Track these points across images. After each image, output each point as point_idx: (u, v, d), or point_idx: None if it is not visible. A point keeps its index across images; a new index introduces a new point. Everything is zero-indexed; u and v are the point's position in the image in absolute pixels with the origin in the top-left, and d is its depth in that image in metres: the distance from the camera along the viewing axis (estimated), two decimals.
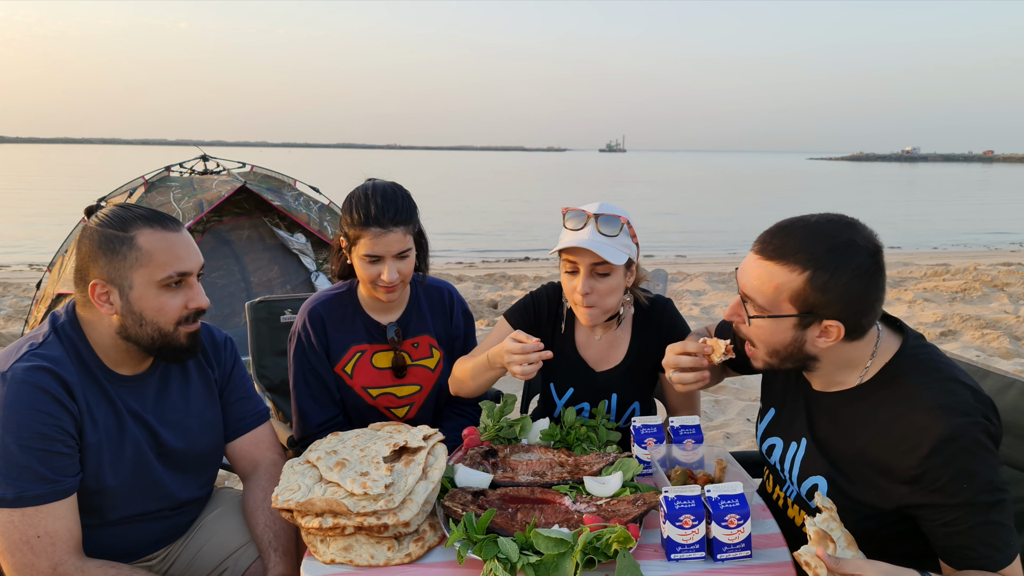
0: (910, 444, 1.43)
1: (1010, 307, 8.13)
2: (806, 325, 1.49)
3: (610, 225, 2.00)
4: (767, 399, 1.86)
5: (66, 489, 1.58)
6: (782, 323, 1.50)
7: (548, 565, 1.41)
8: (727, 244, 17.72)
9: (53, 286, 5.57)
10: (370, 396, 2.24)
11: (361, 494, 1.52)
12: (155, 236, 1.65)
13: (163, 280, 1.66)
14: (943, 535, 1.43)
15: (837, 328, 1.47)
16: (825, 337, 1.49)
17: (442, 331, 2.33)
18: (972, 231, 20.85)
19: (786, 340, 1.52)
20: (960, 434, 1.39)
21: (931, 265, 12.09)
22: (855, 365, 1.56)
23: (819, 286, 1.44)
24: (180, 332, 1.71)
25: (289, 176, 6.59)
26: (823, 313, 1.46)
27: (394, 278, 2.05)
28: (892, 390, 1.51)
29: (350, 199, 2.09)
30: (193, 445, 1.84)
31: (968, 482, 1.38)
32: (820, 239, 1.45)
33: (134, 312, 1.65)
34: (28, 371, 1.57)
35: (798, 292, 1.46)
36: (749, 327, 1.56)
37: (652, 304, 2.21)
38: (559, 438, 2.04)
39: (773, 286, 1.48)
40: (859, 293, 1.44)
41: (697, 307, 8.34)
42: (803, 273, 1.45)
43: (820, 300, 1.45)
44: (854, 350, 1.54)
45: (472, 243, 17.47)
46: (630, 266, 2.09)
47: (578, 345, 2.23)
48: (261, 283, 6.25)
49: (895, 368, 1.53)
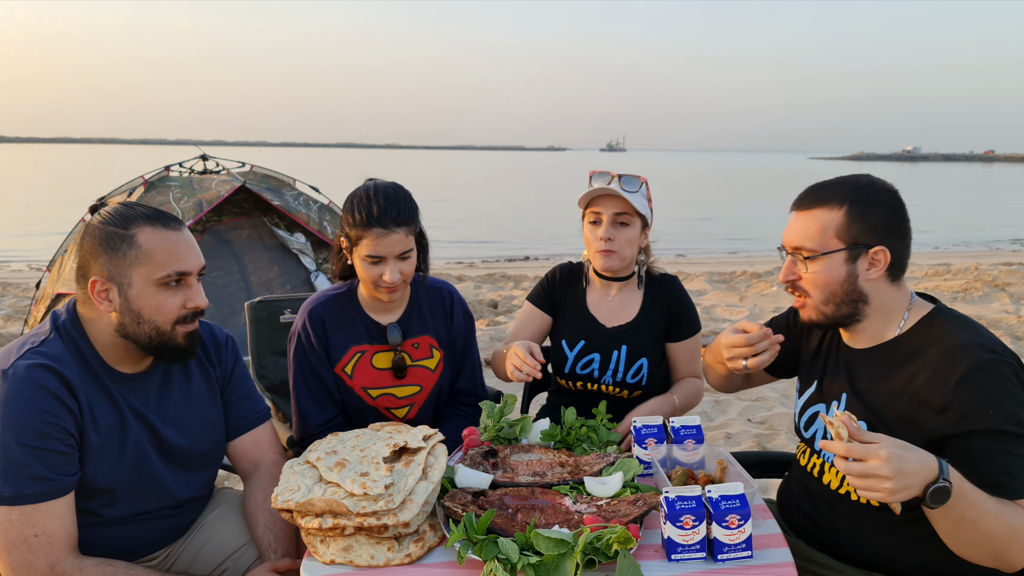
0: (943, 375, 1.54)
1: (1011, 307, 8.13)
2: (855, 257, 1.65)
3: (631, 183, 2.31)
4: (807, 376, 1.90)
5: (64, 488, 1.58)
6: (834, 260, 1.66)
7: (548, 566, 1.40)
8: (727, 244, 17.73)
9: (53, 286, 5.57)
10: (370, 397, 2.24)
11: (361, 494, 1.52)
12: (156, 235, 1.65)
13: (161, 279, 1.65)
14: (965, 463, 1.47)
15: (884, 254, 1.63)
16: (875, 268, 1.65)
17: (442, 331, 2.32)
18: (972, 231, 20.84)
19: (841, 277, 1.66)
20: (990, 366, 1.50)
21: (932, 265, 12.09)
22: (895, 315, 1.70)
23: (858, 215, 1.63)
24: (177, 332, 1.70)
25: (289, 176, 6.58)
26: (868, 241, 1.63)
27: (396, 279, 2.05)
28: (929, 337, 1.63)
29: (351, 200, 2.08)
30: (194, 443, 1.84)
31: (994, 409, 1.47)
32: (847, 182, 1.69)
33: (132, 310, 1.65)
34: (29, 369, 1.57)
35: (842, 225, 1.64)
36: (806, 274, 1.70)
37: (663, 276, 2.50)
38: (559, 438, 2.04)
39: (819, 227, 1.66)
40: (892, 219, 1.64)
41: (697, 307, 8.34)
42: (841, 208, 1.65)
43: (862, 228, 1.63)
44: (895, 297, 1.69)
45: (472, 243, 17.47)
46: (645, 227, 2.39)
47: (590, 305, 2.48)
48: (261, 283, 6.25)
49: (931, 320, 1.66)
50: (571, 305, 2.49)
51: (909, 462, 1.34)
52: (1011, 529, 1.42)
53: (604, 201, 2.30)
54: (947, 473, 1.37)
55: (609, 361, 2.40)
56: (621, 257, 2.33)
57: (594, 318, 2.45)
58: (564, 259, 2.47)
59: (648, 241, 2.44)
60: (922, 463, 1.35)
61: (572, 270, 2.55)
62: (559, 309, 2.52)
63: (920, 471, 1.35)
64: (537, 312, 2.52)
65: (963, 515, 1.40)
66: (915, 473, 1.34)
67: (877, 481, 1.33)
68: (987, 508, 1.41)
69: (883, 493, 1.33)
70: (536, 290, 2.56)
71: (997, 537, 1.42)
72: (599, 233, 2.31)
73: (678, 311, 2.44)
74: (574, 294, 2.50)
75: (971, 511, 1.40)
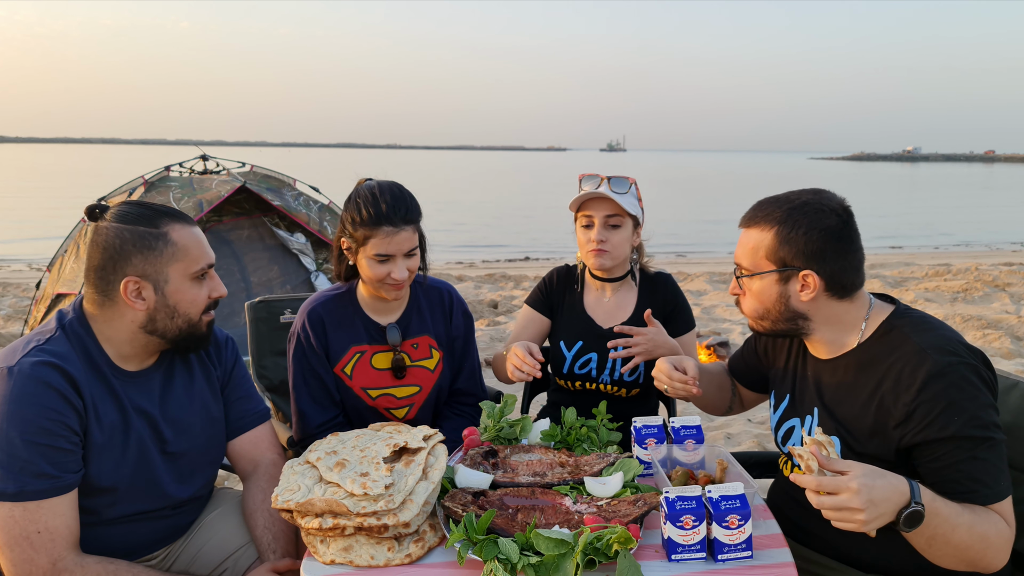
0: (904, 384, 1.54)
1: (1011, 307, 8.12)
2: (786, 279, 1.66)
3: (621, 184, 2.35)
4: (780, 389, 1.91)
5: (67, 485, 1.59)
6: (766, 280, 1.68)
7: (548, 566, 1.40)
8: (727, 244, 17.72)
9: (53, 286, 5.57)
10: (369, 397, 2.24)
11: (361, 494, 1.52)
12: (185, 231, 1.73)
13: (196, 272, 1.73)
14: (933, 471, 1.50)
15: (813, 279, 1.63)
16: (806, 289, 1.64)
17: (442, 332, 2.33)
18: (972, 231, 20.84)
19: (773, 296, 1.68)
20: (948, 371, 1.50)
21: (932, 265, 12.09)
22: (850, 327, 1.69)
23: (784, 239, 1.64)
24: (203, 321, 1.79)
25: (289, 176, 6.58)
26: (795, 264, 1.64)
27: (404, 276, 2.08)
28: (888, 343, 1.63)
29: (355, 199, 2.08)
30: (196, 442, 1.84)
31: (957, 415, 1.47)
32: (784, 202, 1.68)
33: (168, 305, 1.70)
34: (34, 366, 1.57)
35: (771, 248, 1.66)
36: (742, 292, 1.74)
37: (657, 274, 2.54)
38: (559, 438, 2.04)
39: (751, 248, 1.69)
40: (823, 244, 1.62)
41: (697, 307, 8.33)
42: (771, 230, 1.66)
43: (789, 252, 1.63)
44: (845, 311, 1.68)
45: (472, 243, 17.47)
46: (637, 226, 2.42)
47: (587, 306, 2.52)
48: (261, 283, 6.25)
49: (890, 325, 1.66)
50: (568, 307, 2.53)
51: (880, 490, 1.34)
52: (983, 538, 1.44)
53: (595, 204, 2.34)
54: (919, 496, 1.38)
55: (606, 360, 2.42)
56: (613, 256, 2.37)
57: (591, 319, 2.48)
58: (564, 259, 2.48)
59: (640, 240, 2.48)
60: (893, 489, 1.36)
61: (569, 272, 2.58)
62: (557, 311, 2.55)
63: (892, 497, 1.36)
64: (535, 315, 2.55)
65: (936, 531, 1.42)
66: (886, 500, 1.35)
67: (850, 513, 1.34)
68: (959, 522, 1.43)
69: (856, 524, 1.35)
70: (534, 294, 2.59)
71: (971, 547, 1.44)
72: (592, 235, 2.35)
73: (672, 308, 2.48)
74: (571, 296, 2.54)
75: (943, 527, 1.42)
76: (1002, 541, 1.46)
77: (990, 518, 1.46)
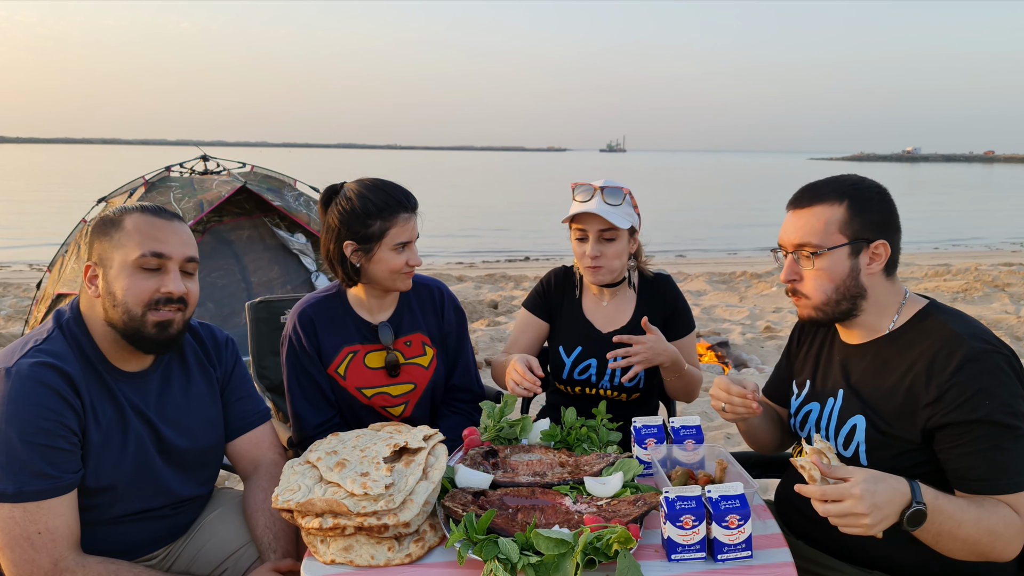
0: (939, 366, 1.55)
1: (1011, 307, 8.12)
2: (857, 251, 1.67)
3: (614, 195, 2.27)
4: (801, 376, 1.91)
5: (67, 485, 1.59)
6: (838, 255, 1.67)
7: (548, 565, 1.40)
8: (728, 244, 17.72)
9: (53, 286, 5.57)
10: (364, 396, 2.23)
11: (361, 494, 1.52)
12: (143, 220, 1.69)
13: (137, 260, 1.65)
14: (956, 456, 1.52)
15: (884, 248, 1.66)
16: (876, 262, 1.67)
17: (434, 328, 2.33)
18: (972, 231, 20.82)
19: (844, 271, 1.67)
20: (984, 357, 1.52)
21: (932, 265, 12.09)
22: (888, 310, 1.72)
23: (858, 209, 1.66)
24: (148, 319, 1.66)
25: (289, 176, 6.58)
26: (868, 235, 1.66)
27: (419, 260, 2.16)
28: (923, 329, 1.65)
29: (355, 198, 2.08)
30: (195, 443, 1.84)
31: (988, 399, 1.49)
32: (841, 180, 1.71)
33: (110, 292, 1.66)
34: (32, 367, 1.57)
35: (844, 220, 1.66)
36: (810, 271, 1.70)
37: (656, 276, 2.49)
38: (559, 438, 2.04)
39: (822, 223, 1.67)
40: (888, 213, 1.68)
41: (697, 307, 8.33)
42: (841, 204, 1.66)
43: (863, 223, 1.65)
44: (889, 292, 1.71)
45: (472, 243, 17.47)
46: (633, 234, 2.36)
47: (585, 310, 2.48)
48: (261, 283, 6.25)
49: (926, 313, 1.69)
50: (567, 311, 2.50)
51: (882, 494, 1.37)
52: (991, 532, 1.45)
53: (588, 218, 2.28)
54: (920, 496, 1.41)
55: (606, 367, 2.40)
56: (610, 270, 2.34)
57: (590, 323, 2.46)
58: (564, 259, 2.46)
59: (638, 244, 2.44)
60: (895, 491, 1.39)
61: (567, 275, 2.54)
62: (556, 315, 2.52)
63: (894, 499, 1.39)
64: (534, 319, 2.53)
65: (942, 528, 1.44)
66: (890, 503, 1.38)
67: (855, 518, 1.37)
68: (965, 517, 1.45)
69: (862, 528, 1.38)
70: (532, 297, 2.55)
71: (979, 541, 1.46)
72: (587, 249, 2.30)
73: (672, 311, 2.45)
74: (570, 299, 2.51)
75: (948, 523, 1.44)
76: (1012, 532, 1.48)
77: (999, 511, 1.47)
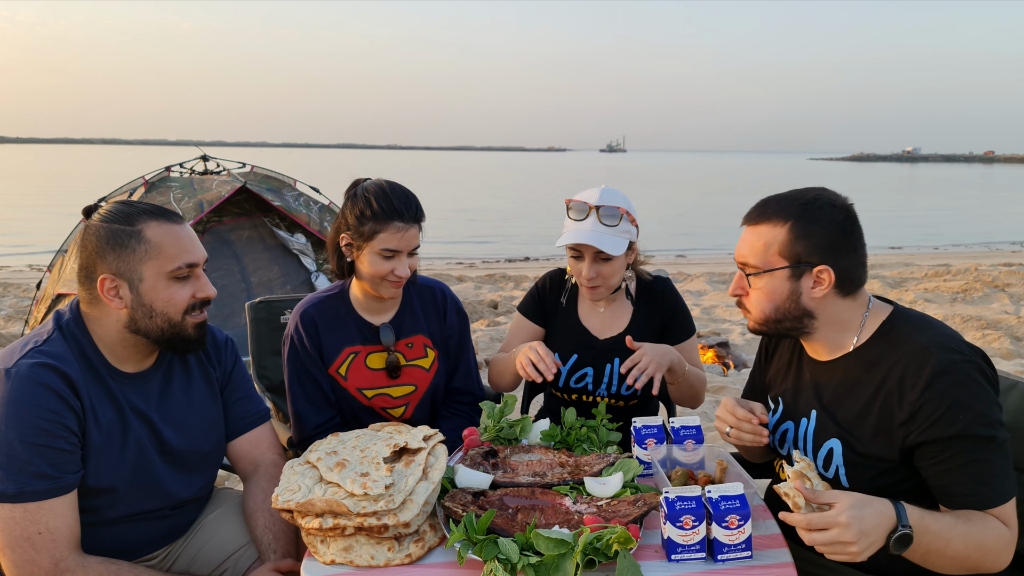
0: (909, 383, 1.52)
1: (1011, 308, 8.12)
2: (799, 275, 1.63)
3: (611, 216, 2.19)
4: (773, 391, 1.89)
5: (67, 485, 1.59)
6: (777, 277, 1.64)
7: (548, 566, 1.40)
8: (727, 244, 17.71)
9: (53, 286, 5.57)
10: (365, 397, 2.23)
11: (361, 494, 1.52)
12: (162, 229, 1.69)
13: (172, 271, 1.69)
14: (938, 474, 1.50)
15: (828, 274, 1.60)
16: (819, 286, 1.62)
17: (436, 330, 2.32)
18: (972, 231, 20.83)
19: (784, 293, 1.64)
20: (953, 368, 1.49)
21: (932, 266, 12.09)
22: (850, 326, 1.67)
23: (800, 233, 1.61)
24: (188, 322, 1.73)
25: (289, 176, 6.59)
26: (811, 260, 1.61)
27: (406, 273, 2.09)
28: (889, 343, 1.61)
29: (363, 194, 2.08)
30: (195, 443, 1.84)
31: (963, 413, 1.46)
32: (793, 198, 1.66)
33: (144, 304, 1.68)
34: (32, 367, 1.57)
35: (785, 243, 1.62)
36: (750, 290, 1.69)
37: (654, 280, 2.43)
38: (559, 439, 2.04)
39: (763, 244, 1.65)
40: (837, 238, 1.60)
41: (697, 307, 8.33)
42: (784, 225, 1.62)
43: (804, 247, 1.60)
44: (847, 309, 1.66)
45: (472, 243, 17.47)
46: (631, 246, 2.28)
47: (581, 316, 2.43)
48: (261, 283, 6.25)
49: (890, 325, 1.65)
50: (562, 316, 2.45)
51: (869, 519, 1.36)
52: (980, 547, 1.44)
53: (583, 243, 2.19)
54: (905, 519, 1.39)
55: (603, 375, 2.37)
56: (608, 287, 2.29)
57: (586, 330, 2.41)
58: (564, 260, 2.43)
59: (636, 253, 2.36)
60: (882, 515, 1.38)
61: (563, 278, 2.50)
62: (551, 320, 2.47)
63: (881, 523, 1.37)
64: (528, 324, 2.48)
65: (929, 547, 1.43)
66: (876, 527, 1.36)
67: (843, 546, 1.35)
68: (952, 535, 1.43)
69: (850, 556, 1.36)
70: (527, 301, 2.50)
71: (968, 556, 1.45)
72: (583, 270, 2.23)
73: (671, 315, 2.40)
74: (563, 304, 2.46)
75: (936, 542, 1.43)
76: (1001, 545, 1.46)
77: (987, 525, 1.46)
